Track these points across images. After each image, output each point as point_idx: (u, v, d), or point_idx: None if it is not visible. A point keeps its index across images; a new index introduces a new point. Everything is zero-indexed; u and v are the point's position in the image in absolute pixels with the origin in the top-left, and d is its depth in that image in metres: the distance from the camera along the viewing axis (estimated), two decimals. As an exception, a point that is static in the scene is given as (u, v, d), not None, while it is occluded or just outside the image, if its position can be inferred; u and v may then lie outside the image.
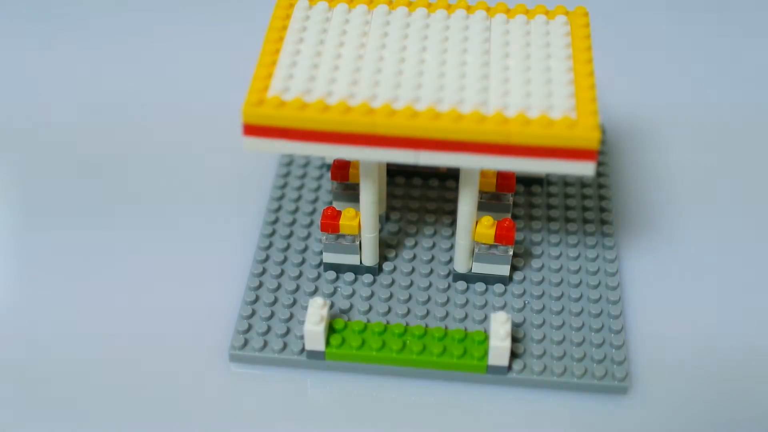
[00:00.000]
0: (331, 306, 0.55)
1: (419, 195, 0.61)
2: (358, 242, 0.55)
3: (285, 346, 0.53)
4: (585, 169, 0.48)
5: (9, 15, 0.79)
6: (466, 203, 0.53)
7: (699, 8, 0.81)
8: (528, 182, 0.62)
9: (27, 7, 0.80)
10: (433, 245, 0.58)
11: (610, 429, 0.51)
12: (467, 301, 0.55)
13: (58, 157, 0.66)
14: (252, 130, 0.48)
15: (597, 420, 0.52)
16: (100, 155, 0.66)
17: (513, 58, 0.50)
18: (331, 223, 0.55)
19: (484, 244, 0.55)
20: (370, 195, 0.53)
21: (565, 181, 0.62)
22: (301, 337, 0.53)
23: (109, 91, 0.72)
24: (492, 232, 0.54)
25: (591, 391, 0.52)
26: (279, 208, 0.60)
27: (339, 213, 0.55)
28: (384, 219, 0.59)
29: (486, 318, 0.55)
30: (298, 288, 0.56)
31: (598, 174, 0.62)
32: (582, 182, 0.62)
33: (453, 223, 0.59)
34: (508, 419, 0.52)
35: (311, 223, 0.59)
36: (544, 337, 0.54)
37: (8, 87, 0.72)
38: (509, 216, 0.58)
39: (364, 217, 0.54)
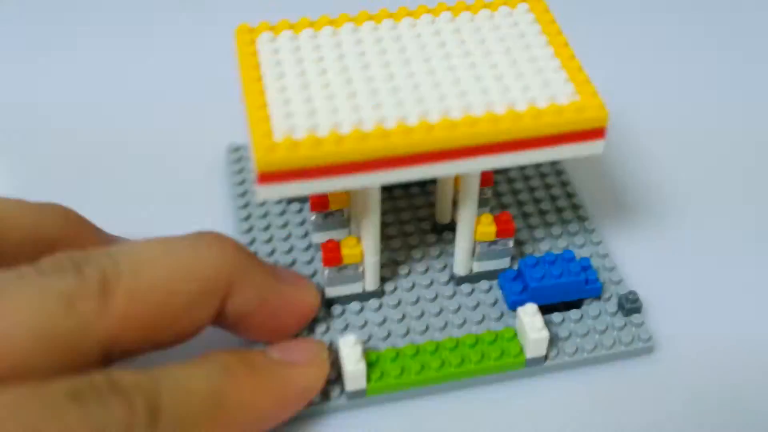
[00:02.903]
0: (354, 340, 0.53)
1: (392, 207, 0.60)
2: (361, 269, 0.53)
3: (320, 395, 0.51)
4: (595, 148, 0.49)
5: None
6: (468, 207, 0.52)
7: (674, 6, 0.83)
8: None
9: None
10: (423, 255, 0.57)
11: (648, 388, 0.53)
12: (479, 303, 0.55)
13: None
14: (268, 177, 0.45)
15: (635, 382, 0.53)
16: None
17: (496, 54, 0.50)
18: (334, 255, 0.52)
19: (486, 242, 0.54)
20: (374, 217, 0.51)
21: (525, 175, 0.63)
22: (335, 380, 0.51)
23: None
24: (493, 228, 0.54)
25: (622, 358, 0.54)
26: (254, 254, 0.57)
27: (338, 244, 0.53)
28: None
29: (503, 314, 0.55)
30: (312, 332, 0.53)
31: (552, 162, 0.63)
32: (540, 172, 0.63)
33: (434, 229, 0.59)
34: (554, 406, 0.52)
35: (294, 262, 0.57)
36: (564, 319, 0.54)
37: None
38: (488, 209, 0.59)
39: (367, 241, 0.52)
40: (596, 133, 0.48)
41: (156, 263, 0.46)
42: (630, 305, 0.54)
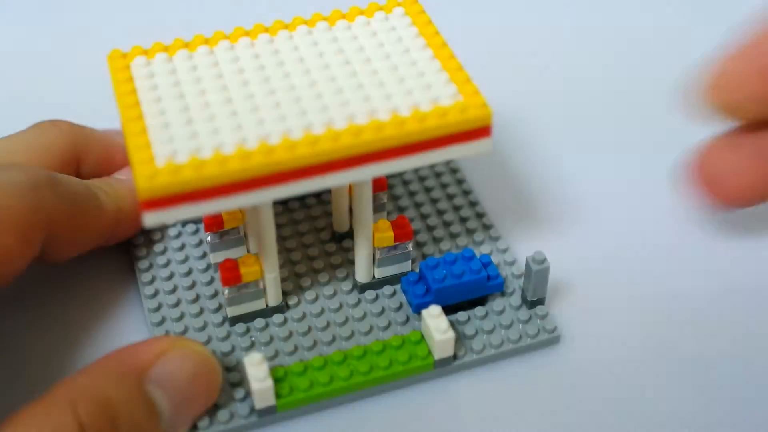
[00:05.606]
0: (260, 358, 0.52)
1: (289, 220, 0.60)
2: (262, 286, 0.53)
3: (231, 415, 0.50)
4: (483, 146, 0.49)
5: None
6: (364, 214, 0.52)
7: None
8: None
9: None
10: (324, 265, 0.57)
11: (556, 379, 0.53)
12: (383, 309, 0.55)
13: None
14: (153, 203, 0.45)
15: (543, 374, 0.54)
16: None
17: (376, 61, 0.50)
18: (233, 274, 0.52)
19: (385, 247, 0.54)
20: (270, 233, 0.51)
21: (420, 176, 0.62)
22: (242, 399, 0.51)
23: None
24: (391, 234, 0.54)
25: (530, 351, 0.54)
26: (152, 280, 0.56)
27: (236, 262, 0.52)
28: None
29: (408, 318, 0.54)
30: (214, 353, 0.52)
31: (447, 162, 0.63)
32: (435, 172, 0.63)
33: (333, 238, 0.59)
34: (465, 404, 0.52)
35: (194, 284, 0.56)
36: (469, 317, 0.54)
37: None
38: (385, 214, 0.58)
39: (265, 257, 0.52)
40: (482, 131, 0.49)
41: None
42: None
